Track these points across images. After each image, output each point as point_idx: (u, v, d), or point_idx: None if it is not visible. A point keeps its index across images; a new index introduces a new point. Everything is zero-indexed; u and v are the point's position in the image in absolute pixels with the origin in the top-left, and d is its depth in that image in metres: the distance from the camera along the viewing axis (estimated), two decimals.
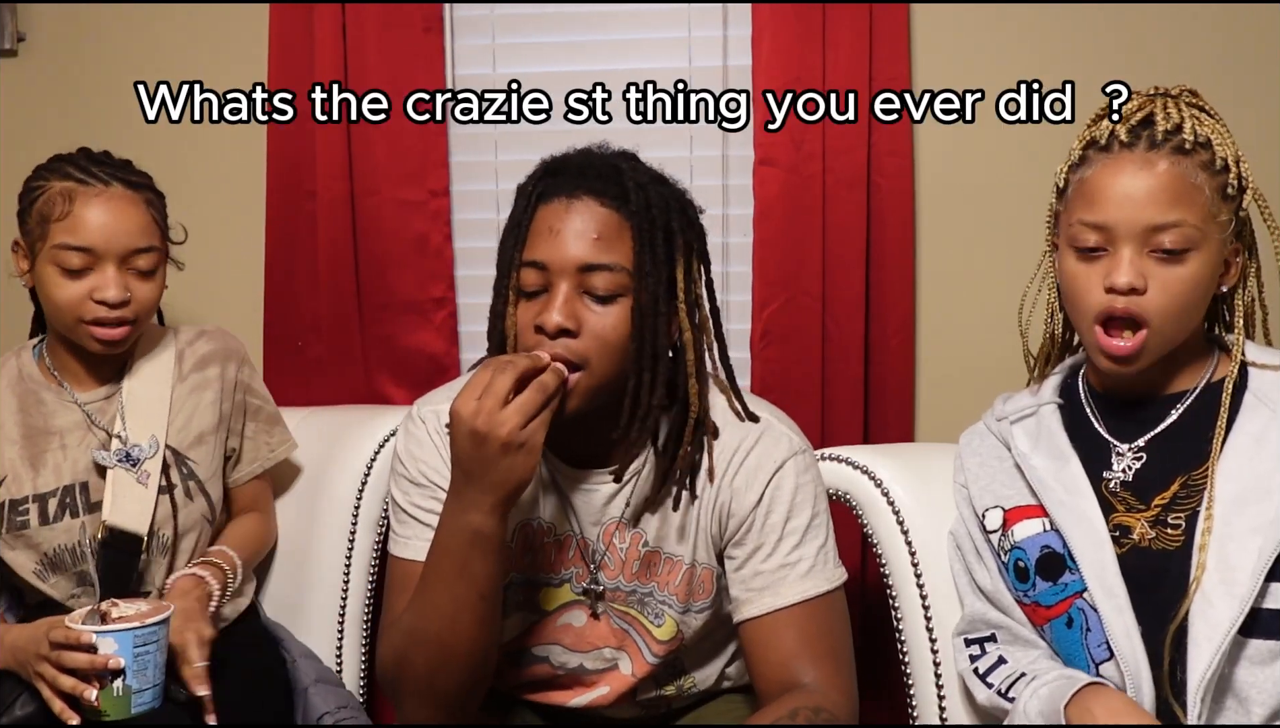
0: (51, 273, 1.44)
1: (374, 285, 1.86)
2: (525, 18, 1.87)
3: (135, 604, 1.32)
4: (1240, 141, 1.21)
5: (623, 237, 1.18)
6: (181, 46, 1.92)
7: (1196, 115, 1.20)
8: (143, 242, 1.45)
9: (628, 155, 1.26)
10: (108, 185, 1.44)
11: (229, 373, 1.58)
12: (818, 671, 1.21)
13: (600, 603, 1.31)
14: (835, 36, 1.73)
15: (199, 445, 1.54)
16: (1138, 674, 1.16)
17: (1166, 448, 1.21)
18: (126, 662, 1.25)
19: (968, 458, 1.37)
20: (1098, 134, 1.21)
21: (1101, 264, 1.19)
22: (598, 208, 1.18)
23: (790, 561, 1.24)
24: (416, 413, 1.31)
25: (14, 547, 1.46)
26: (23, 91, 1.95)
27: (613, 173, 1.20)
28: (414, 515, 1.28)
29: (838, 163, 1.76)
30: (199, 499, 1.53)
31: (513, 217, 1.22)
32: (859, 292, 1.78)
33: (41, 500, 1.47)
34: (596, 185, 1.18)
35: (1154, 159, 1.16)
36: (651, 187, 1.20)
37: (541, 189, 1.20)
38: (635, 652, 1.33)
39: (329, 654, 1.61)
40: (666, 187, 1.24)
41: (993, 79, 1.79)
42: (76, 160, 1.48)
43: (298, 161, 1.85)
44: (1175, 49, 1.76)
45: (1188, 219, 1.15)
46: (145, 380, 1.53)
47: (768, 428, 1.28)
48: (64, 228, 1.42)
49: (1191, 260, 1.16)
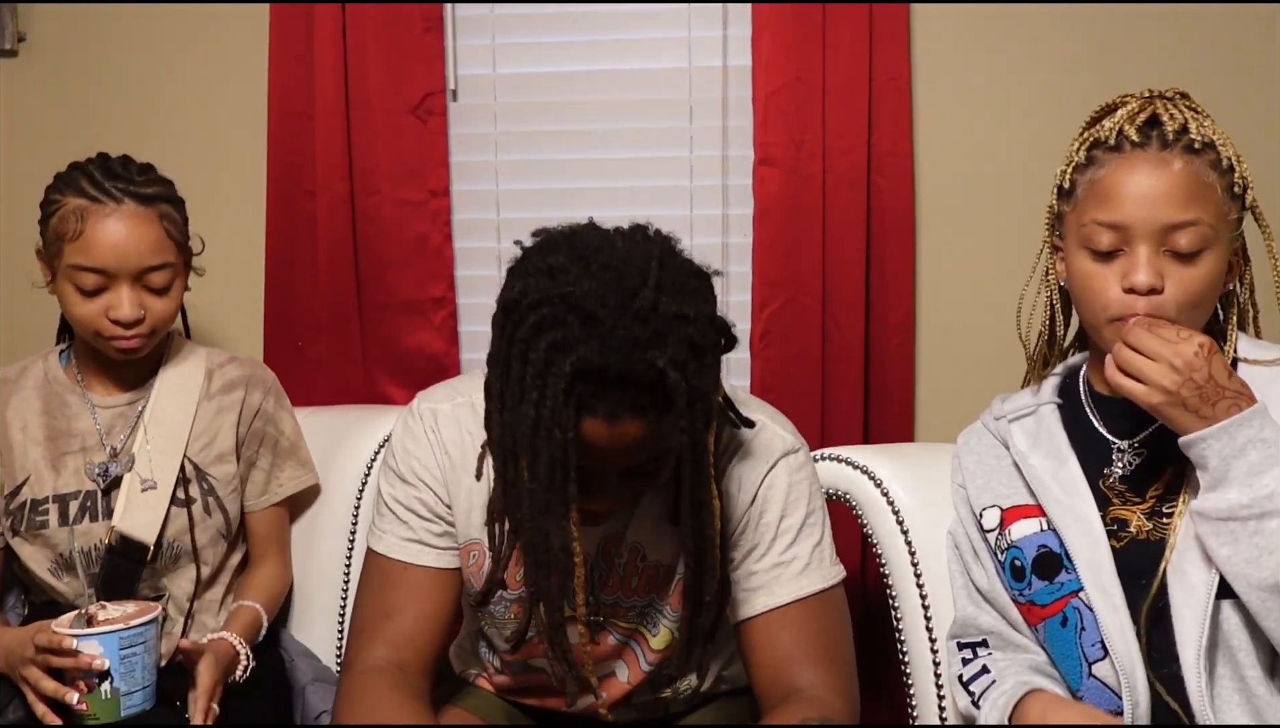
0: (68, 290, 1.45)
1: (374, 285, 1.86)
2: (525, 18, 1.87)
3: (122, 606, 1.32)
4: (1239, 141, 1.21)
5: (666, 434, 1.05)
6: (181, 46, 1.92)
7: (1196, 116, 1.20)
8: (155, 259, 1.45)
9: (660, 312, 1.01)
10: (120, 202, 1.43)
11: (252, 399, 1.58)
12: (816, 672, 1.20)
13: (599, 617, 1.30)
14: (835, 36, 1.73)
15: (220, 464, 1.55)
16: (1132, 673, 1.16)
17: (1165, 443, 1.21)
18: (113, 664, 1.24)
19: (965, 457, 1.37)
20: (1103, 134, 1.21)
21: (1117, 264, 1.18)
22: (641, 428, 1.03)
23: (784, 559, 1.23)
24: (416, 408, 1.30)
25: (31, 544, 1.48)
26: (23, 91, 1.95)
27: (657, 380, 1.01)
28: (394, 510, 1.27)
29: (838, 163, 1.76)
30: (216, 515, 1.54)
31: (539, 407, 1.01)
32: (859, 292, 1.78)
33: (62, 501, 1.48)
34: (640, 401, 1.02)
35: (1169, 158, 1.16)
36: (691, 364, 1.02)
37: (577, 400, 1.01)
38: (632, 661, 1.32)
39: (328, 654, 1.61)
40: (696, 328, 1.03)
41: (993, 79, 1.80)
42: (92, 173, 1.46)
43: (298, 161, 1.85)
44: (1175, 48, 1.76)
45: (1203, 218, 1.15)
46: (172, 392, 1.54)
47: (761, 428, 1.26)
48: (77, 249, 1.42)
49: (1206, 259, 1.16)
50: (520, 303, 1.03)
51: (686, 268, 1.07)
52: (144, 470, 1.49)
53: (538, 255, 1.06)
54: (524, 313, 1.02)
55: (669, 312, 1.01)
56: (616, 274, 1.02)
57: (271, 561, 1.60)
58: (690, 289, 1.05)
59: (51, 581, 1.48)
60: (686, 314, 1.02)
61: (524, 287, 1.03)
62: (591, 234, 1.08)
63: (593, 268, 1.02)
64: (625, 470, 1.09)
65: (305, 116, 1.84)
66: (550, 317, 1.00)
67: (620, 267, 1.02)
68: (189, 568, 1.52)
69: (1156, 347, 1.11)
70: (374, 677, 1.20)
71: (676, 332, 1.01)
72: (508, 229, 1.91)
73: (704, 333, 1.04)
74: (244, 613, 1.51)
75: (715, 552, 1.14)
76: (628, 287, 1.01)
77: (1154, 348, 1.11)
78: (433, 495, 1.26)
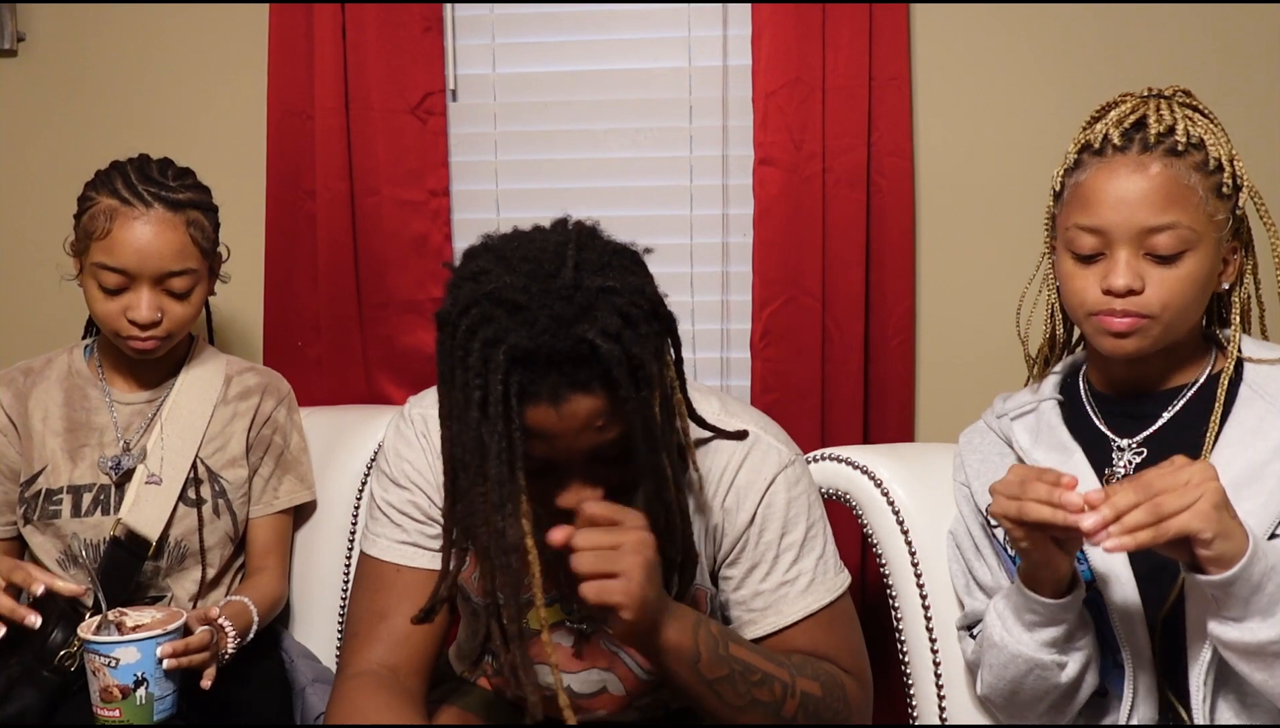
0: (91, 287, 1.48)
1: (374, 285, 1.86)
2: (525, 18, 1.87)
3: (147, 612, 1.33)
4: (1239, 140, 1.21)
5: (619, 408, 1.05)
6: (181, 46, 1.92)
7: (1190, 115, 1.20)
8: (177, 265, 1.47)
9: (583, 287, 1.03)
10: (149, 207, 1.45)
11: (264, 407, 1.60)
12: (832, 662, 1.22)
13: (590, 623, 1.29)
14: (835, 36, 1.73)
15: (232, 468, 1.56)
16: (1144, 661, 1.16)
17: (1166, 443, 1.22)
18: (149, 670, 1.26)
19: (968, 456, 1.37)
20: (1091, 137, 1.22)
21: (1099, 267, 1.19)
22: (589, 404, 1.04)
23: (789, 577, 1.23)
24: (407, 413, 1.30)
25: (42, 533, 1.50)
26: (23, 91, 1.95)
27: (590, 352, 1.01)
28: (387, 514, 1.27)
29: (838, 163, 1.76)
30: (225, 517, 1.55)
31: (484, 406, 1.02)
32: (859, 292, 1.78)
33: (76, 493, 1.50)
34: (579, 377, 1.02)
35: (1147, 162, 1.17)
36: (625, 333, 1.03)
37: (518, 388, 1.02)
38: (625, 672, 1.31)
39: (328, 654, 1.61)
40: (624, 298, 1.04)
41: (993, 79, 1.80)
42: (128, 175, 1.48)
43: (297, 161, 1.85)
44: (1175, 48, 1.76)
45: (1182, 221, 1.16)
46: (191, 394, 1.56)
47: (755, 442, 1.25)
48: (102, 248, 1.45)
49: (1188, 261, 1.17)
50: (451, 313, 1.05)
51: (607, 247, 1.09)
52: (153, 465, 1.51)
53: (462, 266, 1.09)
54: (456, 320, 1.04)
55: (592, 286, 1.03)
56: (535, 263, 1.04)
57: (269, 572, 1.58)
58: (613, 264, 1.06)
59: (58, 570, 1.49)
60: (611, 287, 1.03)
61: (453, 297, 1.06)
62: (511, 235, 1.11)
63: (513, 262, 1.05)
64: (591, 455, 1.08)
65: (305, 116, 1.84)
66: (479, 316, 1.02)
67: (538, 255, 1.05)
68: (194, 569, 1.53)
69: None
70: (364, 680, 1.20)
71: (603, 303, 1.02)
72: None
73: (634, 302, 1.04)
74: (234, 603, 1.49)
75: (676, 519, 1.12)
76: (547, 271, 1.03)
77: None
78: (425, 499, 1.26)
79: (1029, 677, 1.19)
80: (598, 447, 1.07)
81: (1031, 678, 1.19)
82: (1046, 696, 1.21)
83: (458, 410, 1.05)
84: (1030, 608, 1.16)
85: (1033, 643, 1.18)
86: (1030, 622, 1.17)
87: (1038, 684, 1.19)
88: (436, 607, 1.17)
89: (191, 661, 1.30)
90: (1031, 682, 1.19)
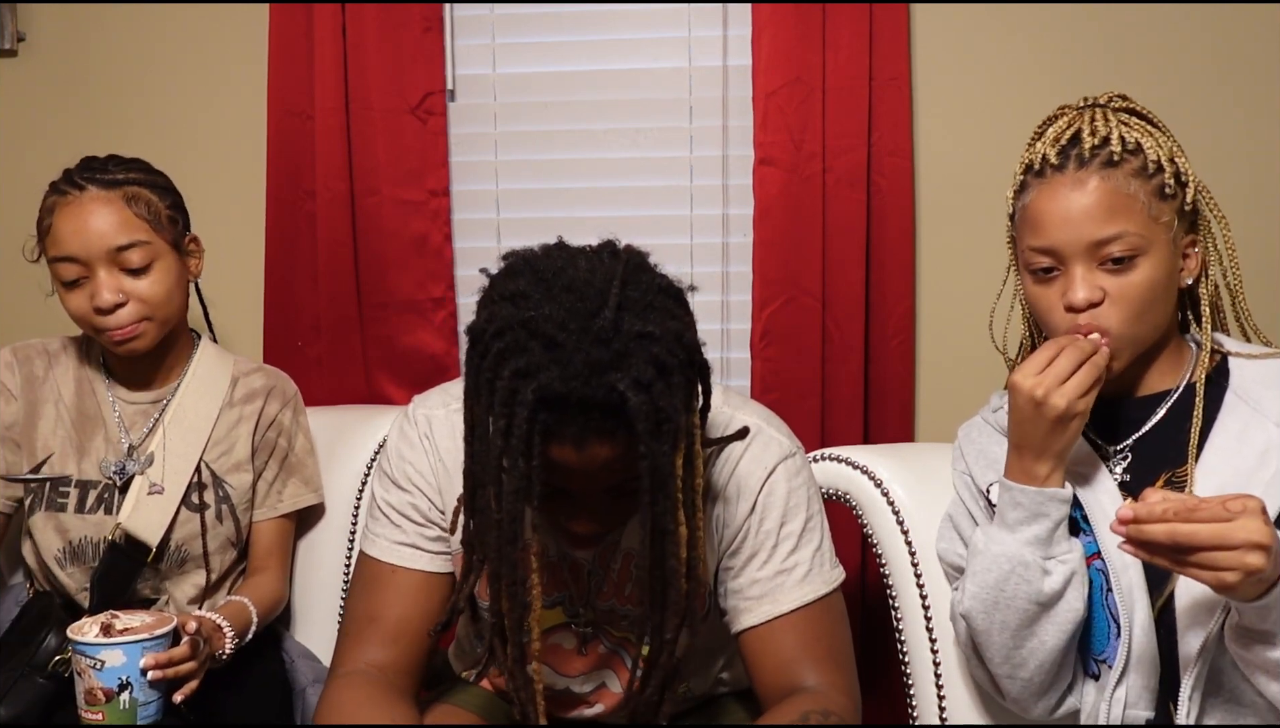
0: (58, 288, 1.47)
1: (374, 285, 1.86)
2: (525, 18, 1.87)
3: (137, 616, 1.31)
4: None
5: (636, 460, 1.02)
6: (181, 46, 1.92)
7: (1125, 121, 1.21)
8: (123, 238, 1.44)
9: (622, 331, 1.00)
10: (83, 190, 1.45)
11: (269, 409, 1.59)
12: (820, 674, 1.20)
13: (591, 626, 1.29)
14: (835, 36, 1.73)
15: (237, 472, 1.55)
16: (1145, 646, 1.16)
17: (1152, 448, 1.22)
18: (133, 675, 1.24)
19: (967, 447, 1.37)
20: (1032, 158, 1.24)
21: (1058, 284, 1.21)
22: (610, 449, 1.02)
23: (787, 566, 1.23)
24: (412, 413, 1.30)
25: (46, 527, 1.49)
26: (23, 91, 1.95)
27: (618, 403, 0.99)
28: (387, 514, 1.27)
29: (838, 163, 1.76)
30: (228, 522, 1.54)
31: (506, 436, 1.00)
32: (859, 292, 1.78)
33: (83, 488, 1.50)
34: (605, 425, 1.00)
35: (1084, 177, 1.18)
36: (656, 385, 0.99)
37: (542, 426, 1.00)
38: (622, 669, 1.31)
39: (328, 654, 1.58)
40: (661, 346, 1.01)
41: (993, 79, 1.80)
42: (70, 172, 1.48)
43: (298, 161, 1.85)
44: (1174, 48, 1.76)
45: (1128, 229, 1.17)
46: (196, 395, 1.55)
47: (757, 433, 1.25)
48: (50, 242, 1.45)
49: (1142, 265, 1.18)
50: (485, 332, 1.03)
51: (653, 284, 1.05)
52: (155, 475, 1.49)
53: (502, 282, 1.06)
54: (489, 342, 1.02)
55: (631, 331, 0.99)
56: (578, 296, 1.01)
57: (269, 573, 1.57)
58: (656, 306, 1.03)
59: (56, 569, 1.49)
60: (650, 333, 1.00)
61: (489, 314, 1.04)
62: (556, 255, 1.07)
63: (554, 291, 1.01)
64: (609, 489, 1.09)
65: (305, 116, 1.84)
66: (513, 344, 1.00)
67: (582, 288, 1.02)
68: (195, 573, 1.52)
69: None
70: (351, 678, 1.21)
71: (640, 351, 0.99)
72: (508, 229, 1.91)
73: (671, 351, 1.01)
74: (233, 603, 1.48)
75: (680, 584, 1.07)
76: (589, 308, 1.00)
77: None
78: (426, 501, 1.26)
79: (1010, 578, 1.19)
80: (616, 484, 1.07)
81: (1013, 581, 1.19)
82: (1028, 608, 1.19)
83: (480, 430, 1.04)
84: (1015, 503, 1.19)
85: (1015, 542, 1.19)
86: (1014, 520, 1.19)
87: (1020, 588, 1.19)
88: (453, 619, 1.18)
89: (178, 671, 1.27)
90: (1013, 585, 1.19)
